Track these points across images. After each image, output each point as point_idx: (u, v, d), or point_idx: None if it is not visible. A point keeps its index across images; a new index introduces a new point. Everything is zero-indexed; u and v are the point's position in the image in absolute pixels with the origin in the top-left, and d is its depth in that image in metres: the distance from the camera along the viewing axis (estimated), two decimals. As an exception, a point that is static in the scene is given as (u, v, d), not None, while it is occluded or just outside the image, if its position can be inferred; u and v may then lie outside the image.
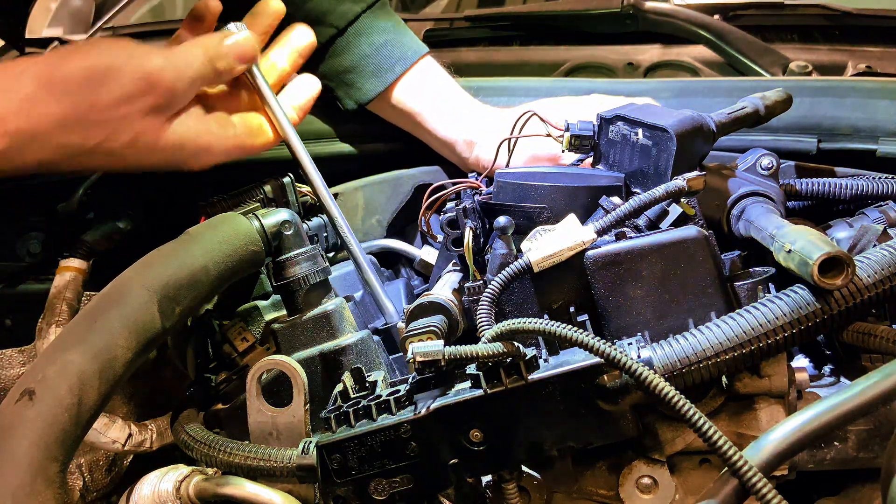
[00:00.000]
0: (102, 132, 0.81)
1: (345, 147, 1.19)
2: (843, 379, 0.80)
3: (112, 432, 1.00)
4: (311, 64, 1.10)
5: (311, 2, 1.10)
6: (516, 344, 0.67)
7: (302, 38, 1.01)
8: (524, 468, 0.74)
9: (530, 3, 1.86)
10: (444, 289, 0.82)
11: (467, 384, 0.71)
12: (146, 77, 0.81)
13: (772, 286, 0.75)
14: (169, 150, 0.86)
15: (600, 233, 0.76)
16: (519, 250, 0.79)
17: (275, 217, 0.84)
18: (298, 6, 1.08)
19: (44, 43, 1.63)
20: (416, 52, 1.14)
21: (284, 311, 0.87)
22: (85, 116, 0.80)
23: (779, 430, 0.60)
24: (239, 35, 0.90)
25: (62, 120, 0.79)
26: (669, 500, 0.73)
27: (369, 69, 1.13)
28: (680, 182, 0.77)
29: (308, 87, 1.01)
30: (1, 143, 0.78)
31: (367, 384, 0.75)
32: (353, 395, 0.74)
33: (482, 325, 0.72)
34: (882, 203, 0.88)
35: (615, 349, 0.64)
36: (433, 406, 0.69)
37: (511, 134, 0.97)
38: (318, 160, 0.94)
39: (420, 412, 0.69)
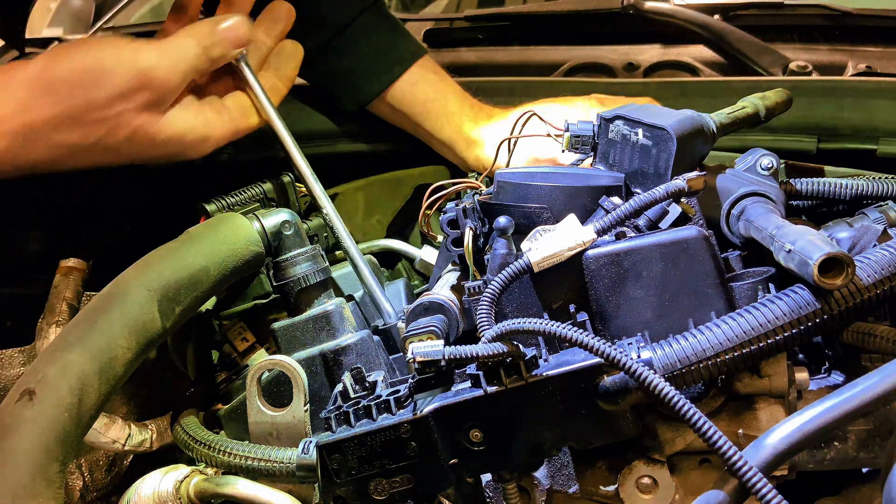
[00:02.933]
0: (100, 129, 0.82)
1: (345, 147, 1.19)
2: (843, 379, 0.80)
3: (112, 432, 1.00)
4: (310, 65, 1.10)
5: (310, 3, 1.10)
6: (516, 344, 0.67)
7: (281, 12, 1.01)
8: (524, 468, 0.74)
9: (530, 3, 1.86)
10: (444, 289, 0.82)
11: (467, 384, 0.71)
12: (139, 74, 0.82)
13: (772, 286, 0.74)
14: (169, 143, 0.87)
15: (600, 233, 0.76)
16: (519, 250, 0.79)
17: (275, 217, 0.84)
18: (296, 7, 1.08)
19: (44, 43, 1.63)
20: (414, 52, 1.15)
21: (284, 311, 0.87)
22: (81, 115, 0.81)
23: (779, 430, 0.60)
24: (231, 20, 0.89)
25: (59, 119, 0.80)
26: (669, 500, 0.73)
27: (369, 70, 1.13)
28: (680, 182, 0.77)
29: (291, 55, 0.99)
30: (1, 143, 0.79)
31: (367, 384, 0.75)
32: (353, 395, 0.74)
33: (482, 325, 0.72)
34: (882, 203, 0.88)
35: (615, 349, 0.64)
36: (433, 406, 0.69)
37: (511, 134, 0.97)
38: (319, 160, 0.94)
39: (420, 412, 0.69)
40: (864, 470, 0.76)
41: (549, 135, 0.94)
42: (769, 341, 0.67)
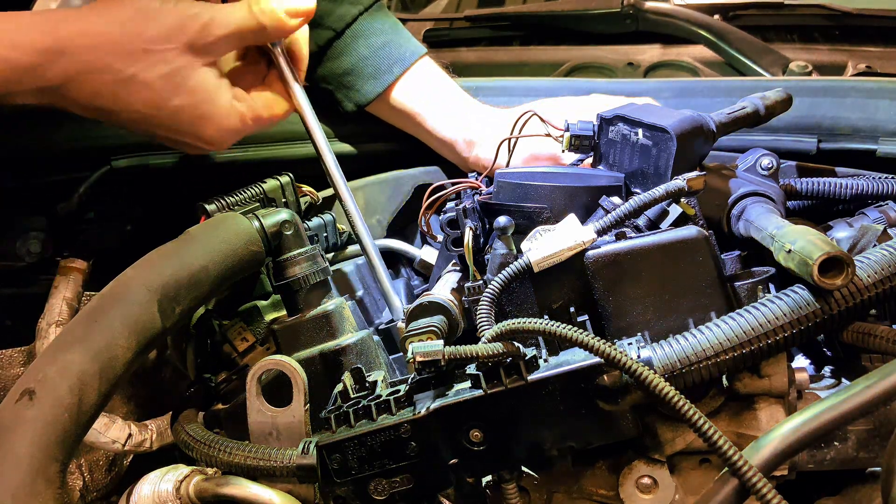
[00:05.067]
0: (142, 61, 0.86)
1: (345, 147, 1.19)
2: (843, 379, 0.80)
3: (112, 432, 1.00)
4: (310, 66, 1.10)
5: None
6: (516, 344, 0.67)
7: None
8: (524, 468, 0.74)
9: (530, 3, 1.86)
10: (444, 289, 0.82)
11: (467, 384, 0.71)
12: (187, 18, 0.87)
13: (772, 286, 0.75)
14: (197, 94, 0.89)
15: (600, 233, 0.76)
16: (519, 250, 0.79)
17: (275, 217, 0.84)
18: None
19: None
20: (414, 53, 1.15)
21: (284, 311, 0.87)
22: (130, 43, 0.86)
23: (779, 430, 0.60)
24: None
25: (110, 42, 0.85)
26: (669, 500, 0.73)
27: (368, 71, 1.13)
28: (680, 182, 0.77)
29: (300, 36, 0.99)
30: (59, 45, 0.83)
31: (367, 384, 0.75)
32: (353, 395, 0.74)
33: (482, 325, 0.72)
34: (882, 203, 0.88)
35: (615, 349, 0.64)
36: (433, 406, 0.69)
37: (511, 134, 0.97)
38: (318, 160, 0.94)
39: (420, 412, 0.69)
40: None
41: (549, 135, 0.94)
42: (769, 341, 0.67)
